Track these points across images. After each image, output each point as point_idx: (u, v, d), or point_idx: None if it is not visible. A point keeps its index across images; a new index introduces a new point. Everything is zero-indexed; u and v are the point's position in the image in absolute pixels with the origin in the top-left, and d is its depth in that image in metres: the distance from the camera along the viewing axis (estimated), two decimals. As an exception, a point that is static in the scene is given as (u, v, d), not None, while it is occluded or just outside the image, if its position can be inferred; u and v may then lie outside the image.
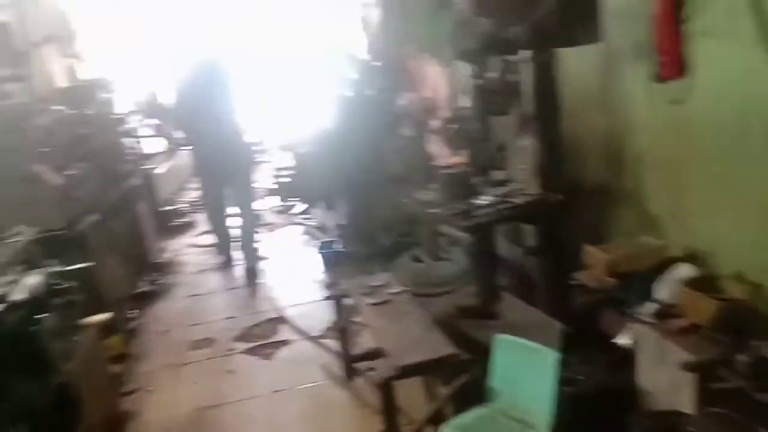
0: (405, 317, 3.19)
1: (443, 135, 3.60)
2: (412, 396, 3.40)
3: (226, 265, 5.98)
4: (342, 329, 3.78)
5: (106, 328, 3.92)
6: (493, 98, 3.28)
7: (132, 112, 5.82)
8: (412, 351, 2.86)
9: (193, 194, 8.53)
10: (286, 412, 3.62)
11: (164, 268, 5.91)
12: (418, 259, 4.98)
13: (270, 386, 3.91)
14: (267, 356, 4.29)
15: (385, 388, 2.80)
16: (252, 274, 5.69)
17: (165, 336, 4.74)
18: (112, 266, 4.61)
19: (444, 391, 3.01)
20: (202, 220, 7.56)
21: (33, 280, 2.18)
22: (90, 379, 3.21)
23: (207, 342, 4.59)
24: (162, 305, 5.29)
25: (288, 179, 7.26)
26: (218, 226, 5.90)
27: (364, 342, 4.14)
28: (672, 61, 2.73)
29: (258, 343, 4.48)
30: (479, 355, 3.02)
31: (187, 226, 7.29)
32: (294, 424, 3.50)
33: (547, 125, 3.07)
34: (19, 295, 2.14)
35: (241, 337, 4.60)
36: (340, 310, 3.75)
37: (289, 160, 7.47)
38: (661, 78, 2.83)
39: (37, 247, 3.08)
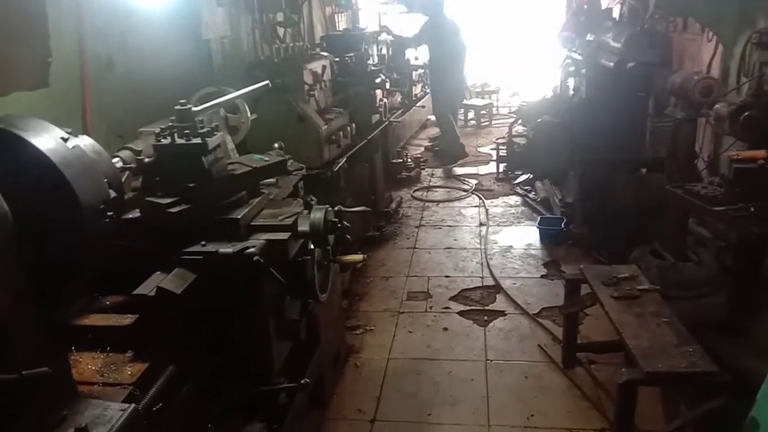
0: (655, 319, 2.88)
1: (732, 123, 3.10)
2: (643, 404, 3.12)
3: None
4: (571, 314, 3.57)
5: (342, 265, 4.22)
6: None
7: (379, 67, 6.06)
8: (664, 357, 2.57)
9: (418, 150, 8.81)
10: (498, 382, 3.58)
11: (390, 217, 6.18)
12: (658, 255, 4.51)
13: (483, 353, 3.89)
14: (482, 323, 4.26)
15: (626, 392, 2.57)
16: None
17: (386, 282, 4.98)
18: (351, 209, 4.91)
19: (688, 411, 2.69)
20: (425, 175, 7.80)
21: (317, 215, 2.35)
22: (327, 309, 3.48)
23: (424, 295, 4.72)
24: (385, 252, 5.55)
25: (518, 147, 7.04)
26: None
27: (587, 331, 3.91)
28: None
29: (474, 308, 4.48)
30: (738, 380, 2.63)
31: (412, 180, 7.53)
32: (505, 398, 3.44)
33: None
34: (304, 227, 2.33)
35: (457, 298, 4.64)
36: (573, 294, 3.54)
37: (522, 128, 7.24)
38: None
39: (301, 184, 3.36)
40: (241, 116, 3.39)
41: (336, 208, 2.49)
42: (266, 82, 2.96)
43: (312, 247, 2.52)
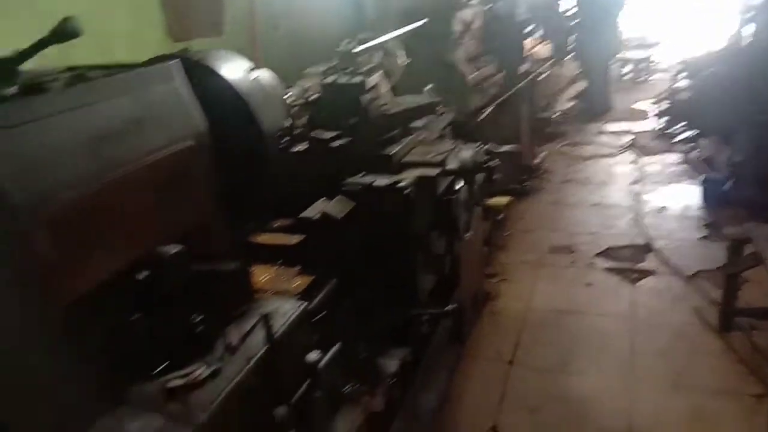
0: (837, 281, 2.60)
1: None
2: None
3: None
4: (732, 275, 3.32)
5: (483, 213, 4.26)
6: None
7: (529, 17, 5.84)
8: None
9: (567, 105, 8.43)
10: (645, 342, 3.45)
11: (533, 171, 6.05)
12: None
13: (630, 311, 3.76)
14: (631, 281, 4.10)
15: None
16: None
17: (526, 235, 4.93)
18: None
19: None
20: (572, 131, 7.49)
21: (467, 153, 2.42)
22: (470, 251, 3.55)
23: (566, 250, 4.62)
24: (526, 206, 5.47)
25: (680, 101, 6.50)
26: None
27: (747, 296, 3.61)
28: None
29: (622, 266, 4.31)
30: None
31: (558, 135, 7.27)
32: (652, 357, 3.31)
33: None
34: (453, 164, 2.41)
35: (604, 255, 4.49)
36: (735, 255, 3.28)
37: (685, 80, 6.64)
38: None
39: (448, 130, 3.42)
40: (395, 60, 3.50)
41: (486, 147, 2.52)
42: (423, 20, 3.02)
43: (460, 185, 2.60)
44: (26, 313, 1.10)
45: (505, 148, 3.06)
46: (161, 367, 1.44)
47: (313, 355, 1.66)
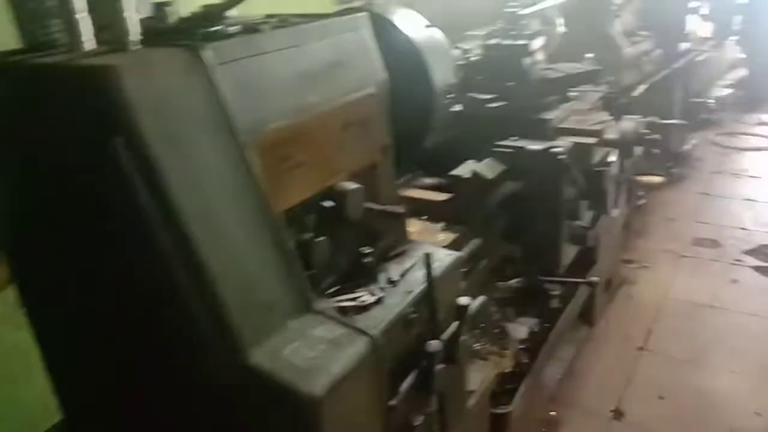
0: None
1: None
2: None
3: None
4: None
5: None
6: None
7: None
8: None
9: (724, 91, 7.77)
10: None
11: (681, 159, 5.69)
12: None
13: (779, 313, 3.49)
14: (781, 280, 3.79)
15: None
16: None
17: (669, 223, 4.68)
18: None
19: None
20: (728, 119, 6.92)
21: (628, 124, 2.37)
22: (612, 231, 3.46)
23: (712, 243, 4.34)
24: (670, 194, 5.17)
25: None
26: None
27: None
28: None
29: (770, 265, 3.99)
30: None
31: (713, 123, 6.73)
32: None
33: None
34: (612, 134, 2.37)
35: (754, 252, 4.17)
36: None
37: None
38: None
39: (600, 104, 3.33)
40: (554, 28, 3.45)
41: (649, 119, 2.45)
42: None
43: (613, 158, 2.55)
44: (250, 215, 1.28)
45: (670, 121, 2.91)
46: (333, 290, 1.60)
47: (464, 299, 1.75)
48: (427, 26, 1.95)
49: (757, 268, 3.98)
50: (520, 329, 2.73)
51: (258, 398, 1.24)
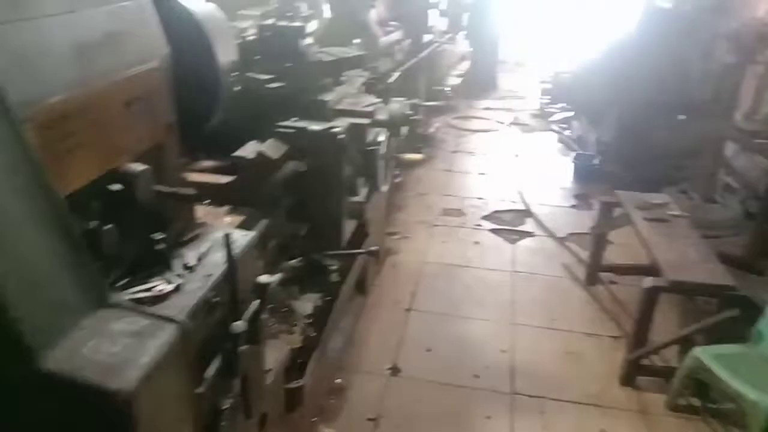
0: (683, 240, 3.15)
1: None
2: (657, 319, 3.44)
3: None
4: (599, 236, 3.84)
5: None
6: None
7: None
8: (688, 271, 2.86)
9: (457, 80, 8.87)
10: (524, 292, 3.90)
11: (427, 140, 6.38)
12: (687, 196, 4.74)
13: (511, 266, 4.21)
14: (512, 241, 4.56)
15: (650, 296, 2.87)
16: None
17: (422, 198, 5.25)
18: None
19: (702, 318, 2.98)
20: (461, 105, 7.94)
21: (395, 106, 2.59)
22: (376, 211, 3.76)
23: (458, 212, 5.01)
24: (421, 172, 5.79)
25: (562, 84, 7.15)
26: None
27: (610, 255, 4.18)
28: None
29: (504, 227, 4.76)
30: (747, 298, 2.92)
31: (449, 108, 7.67)
32: (529, 304, 3.77)
33: None
34: (383, 115, 2.57)
35: (489, 218, 4.93)
36: (605, 217, 3.80)
37: (568, 66, 7.30)
38: None
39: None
40: (320, 13, 3.57)
41: (413, 101, 2.71)
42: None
43: (382, 137, 2.77)
44: (33, 202, 1.12)
45: (432, 103, 3.25)
46: (124, 281, 1.49)
47: (264, 278, 1.77)
48: (207, 0, 1.88)
49: (492, 231, 4.72)
50: (306, 305, 2.83)
51: (66, 404, 1.11)
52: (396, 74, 4.77)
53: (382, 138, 2.77)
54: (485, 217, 4.93)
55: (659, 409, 2.93)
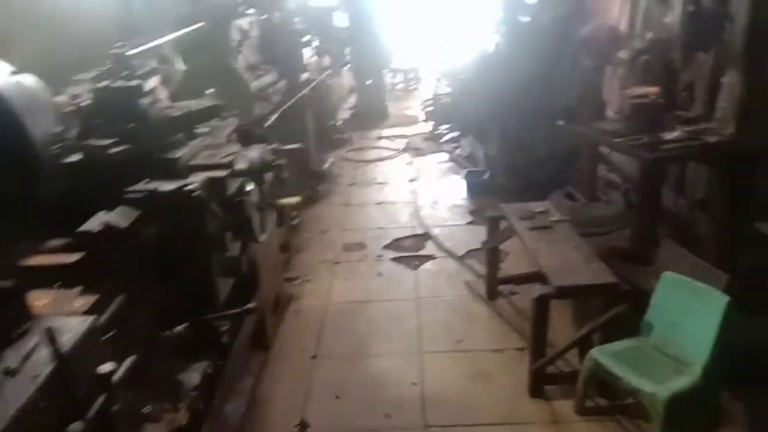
0: (566, 244, 3.22)
1: (631, 67, 3.44)
2: (556, 321, 3.48)
3: None
4: (491, 250, 3.88)
5: (278, 219, 4.37)
6: (702, 28, 3.08)
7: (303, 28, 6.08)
8: (572, 275, 2.91)
9: (347, 114, 8.93)
10: (429, 317, 3.86)
11: (323, 176, 6.32)
12: (571, 197, 4.92)
13: (415, 293, 4.17)
14: (414, 267, 4.53)
15: (540, 305, 2.89)
16: None
17: (322, 236, 5.15)
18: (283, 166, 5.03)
19: (595, 318, 3.04)
20: (355, 137, 7.97)
21: (254, 153, 2.49)
22: (268, 256, 3.63)
23: (359, 246, 4.94)
24: (320, 209, 5.72)
25: (442, 105, 7.33)
26: None
27: (508, 267, 4.24)
28: None
29: (405, 254, 4.74)
30: (635, 292, 3.01)
31: (345, 142, 7.67)
32: (435, 329, 3.73)
33: (757, 62, 2.84)
34: (241, 164, 2.46)
35: (390, 247, 4.89)
36: (493, 232, 3.85)
37: (445, 86, 7.50)
38: None
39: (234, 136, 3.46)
40: (172, 66, 3.43)
41: (272, 146, 2.62)
42: (201, 23, 3.01)
43: (251, 186, 2.66)
44: None
45: (290, 146, 3.17)
46: None
47: (106, 367, 1.59)
48: (14, 72, 1.71)
49: (394, 259, 4.68)
50: (193, 376, 2.63)
51: None
52: (274, 117, 4.69)
53: (251, 187, 2.66)
54: (386, 247, 4.89)
55: (570, 416, 2.94)
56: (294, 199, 3.56)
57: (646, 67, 3.40)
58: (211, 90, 2.97)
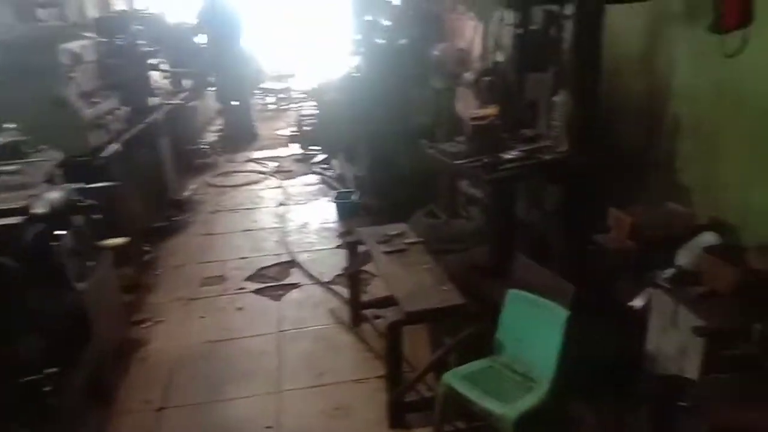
0: (418, 267, 3.18)
1: (475, 88, 3.50)
2: (417, 345, 3.43)
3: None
4: (352, 276, 3.78)
5: (122, 257, 4.00)
6: (533, 51, 3.18)
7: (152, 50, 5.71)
8: (422, 299, 2.85)
9: (213, 136, 8.56)
10: (291, 352, 3.67)
11: (182, 205, 5.94)
12: (434, 215, 4.95)
13: (277, 326, 3.96)
14: (277, 297, 4.32)
15: (392, 333, 2.81)
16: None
17: (178, 270, 4.80)
18: (131, 198, 4.64)
19: (449, 340, 3.01)
20: (221, 161, 7.64)
21: (55, 195, 2.18)
22: (102, 302, 3.27)
23: (218, 279, 4.64)
24: (177, 241, 5.34)
25: (310, 127, 7.21)
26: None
27: (374, 290, 4.15)
28: (738, 5, 2.51)
29: (269, 284, 4.52)
30: (488, 310, 3.01)
31: (208, 166, 7.31)
32: (297, 364, 3.54)
33: (585, 82, 2.97)
34: (40, 208, 2.15)
35: (253, 277, 4.64)
36: (353, 257, 3.75)
37: (312, 108, 7.40)
38: (722, 27, 2.60)
39: (61, 172, 3.09)
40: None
41: (77, 186, 2.33)
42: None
43: (63, 231, 2.35)
44: None
45: (101, 184, 2.86)
46: None
47: None
48: None
49: (256, 291, 4.44)
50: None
51: None
52: (114, 146, 4.30)
53: (62, 232, 2.34)
54: (249, 278, 4.64)
55: (431, 444, 2.87)
56: (120, 240, 3.23)
57: (490, 88, 3.47)
58: (11, 125, 2.61)
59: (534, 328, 2.72)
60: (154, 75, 5.34)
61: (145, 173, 5.22)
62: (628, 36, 3.39)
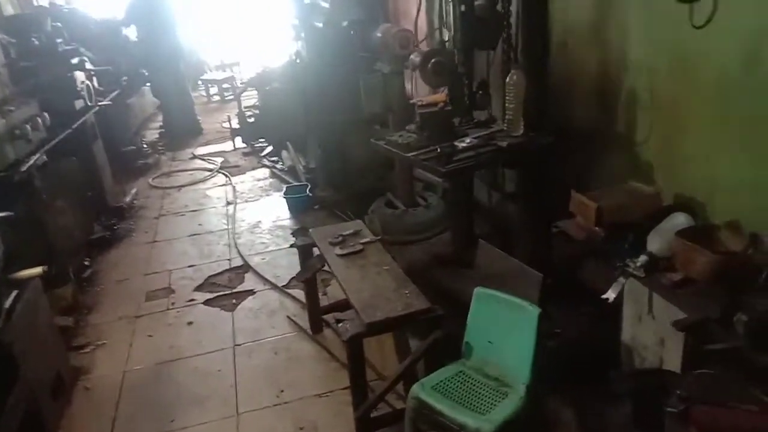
0: (376, 268, 2.95)
1: (422, 71, 3.26)
2: (383, 347, 3.24)
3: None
4: (308, 281, 3.53)
5: (54, 279, 3.65)
6: (480, 29, 2.95)
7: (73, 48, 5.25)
8: (383, 306, 2.63)
9: (154, 135, 8.11)
10: (247, 367, 3.41)
11: (123, 212, 5.55)
12: (392, 205, 4.72)
13: (232, 340, 3.69)
14: (230, 308, 4.04)
15: (353, 346, 2.59)
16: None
17: (121, 285, 4.45)
18: (61, 211, 4.26)
19: (416, 346, 2.81)
20: (164, 161, 7.23)
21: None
22: (31, 334, 2.94)
23: (165, 292, 4.32)
24: (119, 252, 4.97)
25: (252, 117, 6.85)
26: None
27: (334, 291, 3.92)
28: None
29: (221, 293, 4.23)
30: (454, 307, 2.82)
31: (149, 167, 6.88)
32: (254, 381, 3.29)
33: (536, 60, 2.77)
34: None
35: (203, 287, 4.34)
36: (306, 260, 3.50)
37: (254, 98, 7.03)
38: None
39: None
40: None
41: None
42: None
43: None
44: None
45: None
46: None
47: None
48: None
49: (206, 302, 4.14)
50: None
51: None
52: (37, 157, 3.91)
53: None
54: (199, 288, 4.33)
55: (403, 459, 2.67)
56: (35, 271, 2.89)
57: (437, 70, 3.23)
58: None
59: (505, 329, 2.54)
60: (79, 75, 4.89)
61: (77, 182, 4.83)
62: (579, 6, 3.21)
